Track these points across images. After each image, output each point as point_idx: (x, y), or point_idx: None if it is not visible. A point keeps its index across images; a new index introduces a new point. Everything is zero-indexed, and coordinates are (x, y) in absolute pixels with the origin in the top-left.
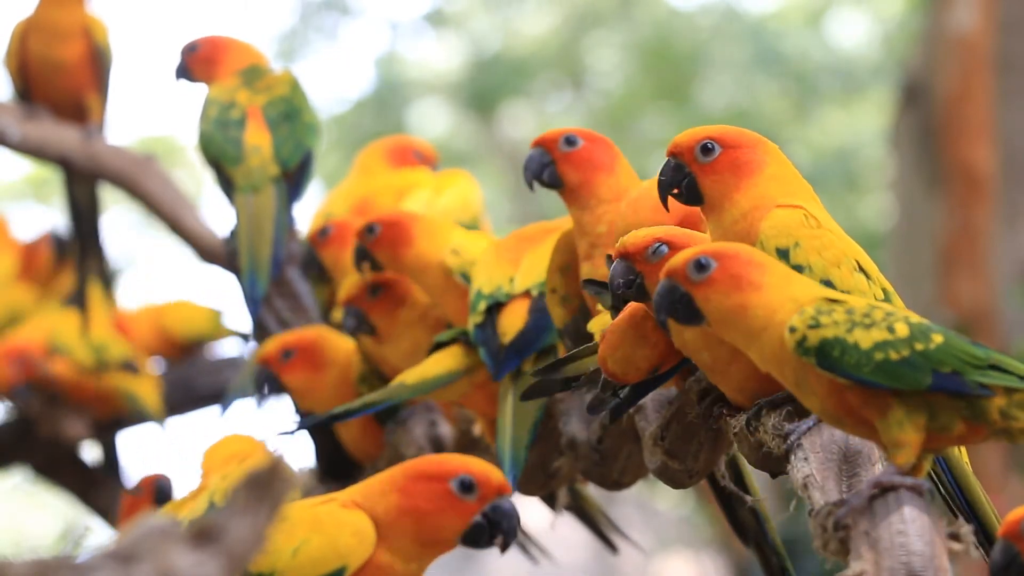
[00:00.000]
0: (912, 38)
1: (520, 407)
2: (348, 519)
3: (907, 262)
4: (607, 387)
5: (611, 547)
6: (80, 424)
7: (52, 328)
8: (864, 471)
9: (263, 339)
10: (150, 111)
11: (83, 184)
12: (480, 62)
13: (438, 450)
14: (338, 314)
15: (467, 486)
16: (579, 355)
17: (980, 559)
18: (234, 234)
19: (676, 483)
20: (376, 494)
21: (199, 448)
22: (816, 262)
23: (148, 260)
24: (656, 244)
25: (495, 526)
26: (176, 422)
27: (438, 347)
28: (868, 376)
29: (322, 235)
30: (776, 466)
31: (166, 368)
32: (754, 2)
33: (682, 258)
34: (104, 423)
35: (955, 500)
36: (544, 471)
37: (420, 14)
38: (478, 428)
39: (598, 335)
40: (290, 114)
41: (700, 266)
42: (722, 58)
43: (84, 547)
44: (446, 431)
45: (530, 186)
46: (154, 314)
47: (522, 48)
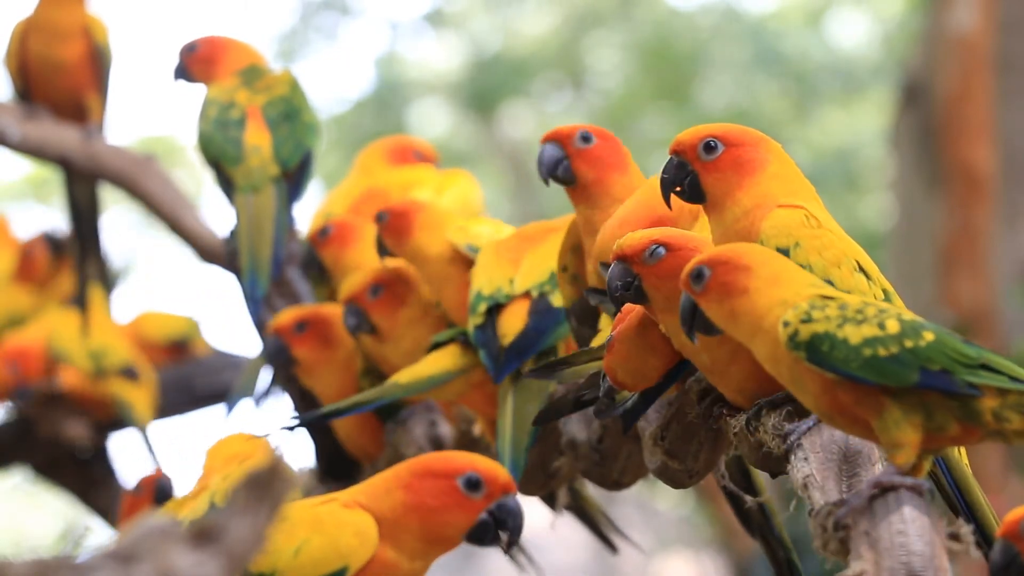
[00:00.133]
0: (912, 38)
1: (520, 410)
2: (349, 519)
3: (907, 262)
4: (609, 393)
5: (611, 547)
6: (80, 425)
7: (51, 331)
8: (864, 471)
9: (263, 339)
10: (150, 111)
11: (83, 184)
12: (480, 62)
13: (438, 450)
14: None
15: (474, 484)
16: (576, 360)
17: (980, 559)
18: (234, 234)
19: (676, 483)
20: (381, 492)
21: (200, 448)
22: (816, 262)
23: (148, 260)
24: (653, 246)
25: (500, 524)
26: (176, 422)
27: (436, 347)
28: (856, 372)
29: (322, 235)
30: (776, 466)
31: (166, 369)
32: (754, 2)
33: (686, 269)
34: (104, 423)
35: (954, 501)
36: (544, 471)
37: (420, 14)
38: (478, 428)
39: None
40: (290, 114)
41: (698, 276)
42: (722, 58)
43: (84, 547)
44: (446, 431)
45: (546, 181)
46: (128, 327)
47: (522, 48)
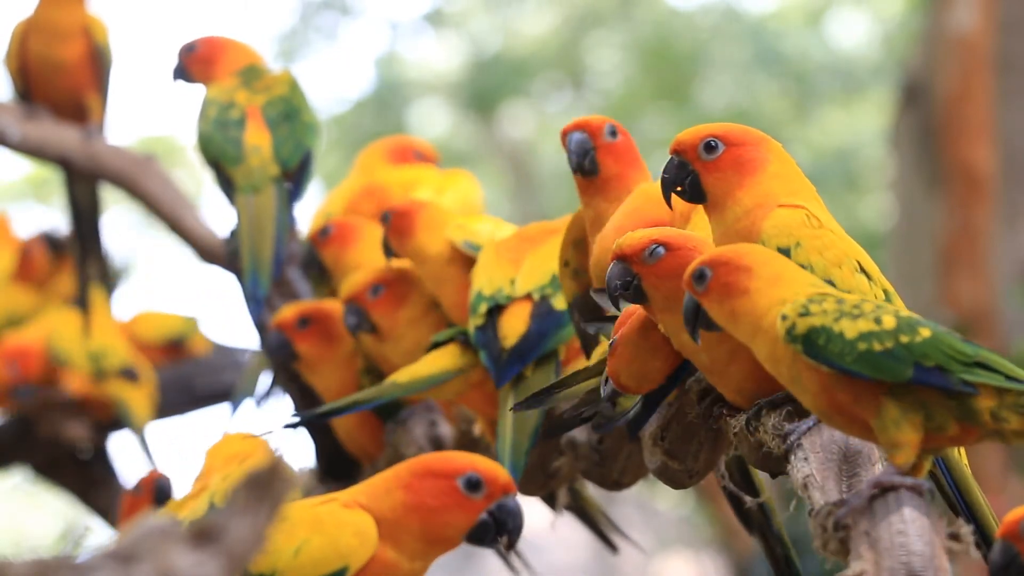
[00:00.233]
0: (912, 38)
1: (521, 413)
2: (349, 519)
3: (907, 262)
4: (612, 397)
5: (611, 547)
6: (80, 425)
7: (52, 332)
8: (864, 471)
9: (264, 339)
10: (150, 111)
11: (83, 184)
12: (480, 62)
13: (438, 450)
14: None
15: (474, 484)
16: (572, 381)
17: (980, 559)
18: (234, 234)
19: (676, 483)
20: (382, 492)
21: (200, 448)
22: (818, 262)
23: (148, 260)
24: (653, 246)
25: (500, 525)
26: (176, 422)
27: (435, 347)
28: (851, 366)
29: (323, 235)
30: (776, 466)
31: (166, 369)
32: (754, 2)
33: (688, 270)
34: (104, 424)
35: (954, 501)
36: (544, 471)
37: (420, 14)
38: (478, 428)
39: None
40: (289, 114)
41: (700, 276)
42: (722, 58)
43: (84, 547)
44: (446, 431)
45: (580, 169)
46: (123, 327)
47: (522, 48)
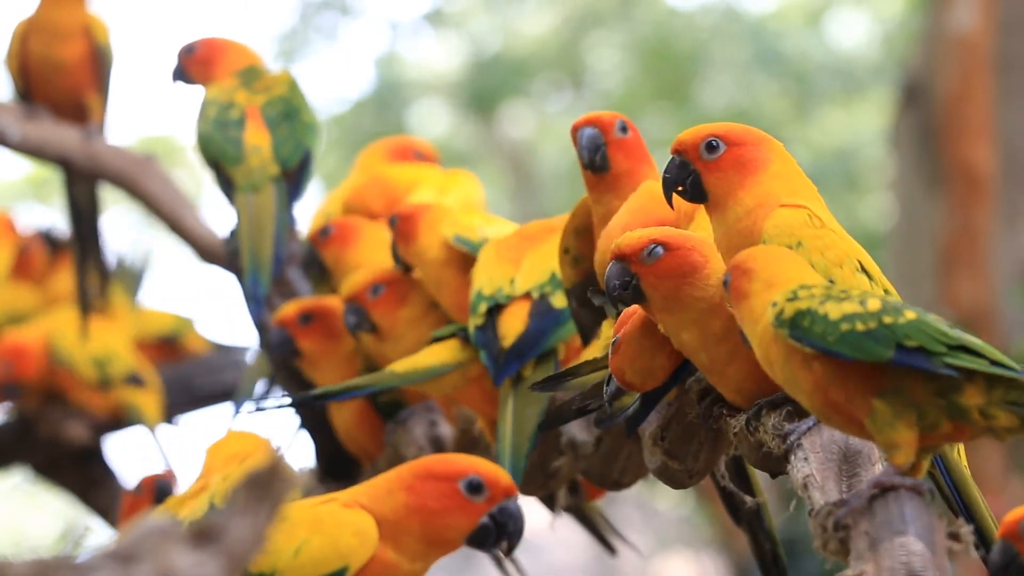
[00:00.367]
0: (912, 38)
1: (520, 413)
2: (349, 519)
3: (907, 262)
4: (615, 395)
5: (609, 549)
6: (80, 425)
7: (53, 333)
8: (864, 471)
9: (264, 340)
10: (150, 111)
11: (83, 184)
12: (480, 62)
13: (438, 450)
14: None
15: (475, 487)
16: (580, 371)
17: (980, 559)
18: (234, 234)
19: (676, 483)
20: (383, 493)
21: (200, 448)
22: (819, 262)
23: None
24: (651, 245)
25: (501, 528)
26: (176, 422)
27: (436, 343)
28: (832, 346)
29: (323, 235)
30: (776, 466)
31: (166, 368)
32: (754, 2)
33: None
34: (104, 424)
35: (953, 502)
36: (544, 471)
37: (420, 14)
38: (478, 428)
39: (601, 350)
40: (289, 114)
41: (725, 283)
42: (722, 58)
43: (84, 547)
44: (446, 431)
45: (591, 164)
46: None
47: (522, 48)
